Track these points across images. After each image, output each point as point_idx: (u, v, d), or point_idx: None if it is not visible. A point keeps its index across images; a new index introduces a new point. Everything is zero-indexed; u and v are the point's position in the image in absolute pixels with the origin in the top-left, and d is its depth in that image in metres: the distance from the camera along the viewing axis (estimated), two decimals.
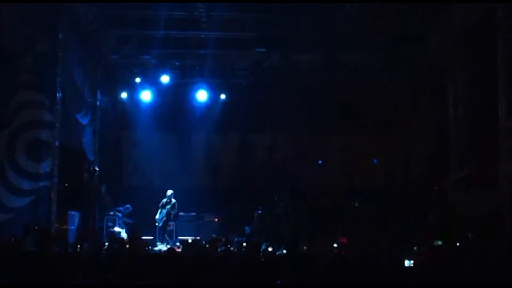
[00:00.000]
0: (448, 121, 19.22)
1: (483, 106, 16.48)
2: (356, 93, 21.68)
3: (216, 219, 21.08)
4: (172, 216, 19.58)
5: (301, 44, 19.12)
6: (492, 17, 15.07)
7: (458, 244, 13.76)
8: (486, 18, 15.53)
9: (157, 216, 19.37)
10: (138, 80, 21.32)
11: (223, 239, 15.76)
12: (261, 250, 14.37)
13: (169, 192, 19.54)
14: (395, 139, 22.79)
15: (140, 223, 19.80)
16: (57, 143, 16.49)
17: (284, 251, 14.81)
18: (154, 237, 19.23)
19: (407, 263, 11.42)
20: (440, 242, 14.45)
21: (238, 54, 20.37)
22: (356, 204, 20.44)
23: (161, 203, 19.46)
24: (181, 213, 20.48)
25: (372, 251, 12.29)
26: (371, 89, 21.41)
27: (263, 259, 11.56)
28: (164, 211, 19.36)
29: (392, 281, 9.05)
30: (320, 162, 23.04)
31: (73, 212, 17.85)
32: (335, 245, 16.08)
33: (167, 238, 19.48)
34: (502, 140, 14.78)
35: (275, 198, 21.03)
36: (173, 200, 19.47)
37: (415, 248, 13.44)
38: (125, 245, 14.75)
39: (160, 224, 19.34)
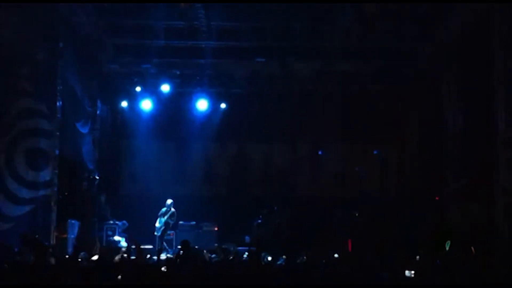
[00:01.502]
0: (443, 132, 19.15)
1: (478, 117, 16.39)
2: (354, 102, 21.72)
3: (216, 228, 21.05)
4: (170, 226, 19.54)
5: (299, 53, 19.16)
6: (488, 28, 15.03)
7: (452, 255, 13.68)
8: (481, 29, 15.48)
9: (156, 225, 19.34)
10: (138, 89, 21.35)
11: (226, 248, 15.71)
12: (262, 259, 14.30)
13: (169, 201, 19.48)
14: (392, 147, 22.80)
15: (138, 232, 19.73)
16: (56, 152, 16.49)
17: (284, 257, 14.74)
18: (153, 246, 19.19)
19: (407, 273, 11.32)
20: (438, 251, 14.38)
21: (237, 64, 20.41)
22: (357, 214, 20.44)
23: (160, 212, 19.43)
24: (181, 222, 20.44)
25: (373, 260, 12.23)
26: (368, 98, 21.44)
27: (265, 268, 11.51)
28: (163, 220, 19.32)
29: None
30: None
31: (73, 221, 17.82)
32: (336, 255, 16.00)
33: (167, 247, 19.44)
34: (498, 152, 14.68)
35: (275, 208, 21.00)
36: (172, 209, 19.43)
37: (417, 257, 13.35)
38: (123, 254, 14.68)
39: (159, 234, 19.30)
